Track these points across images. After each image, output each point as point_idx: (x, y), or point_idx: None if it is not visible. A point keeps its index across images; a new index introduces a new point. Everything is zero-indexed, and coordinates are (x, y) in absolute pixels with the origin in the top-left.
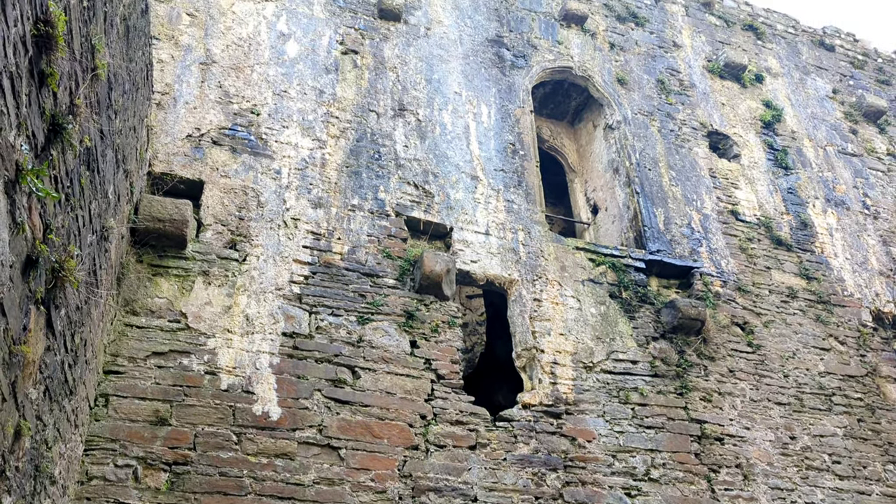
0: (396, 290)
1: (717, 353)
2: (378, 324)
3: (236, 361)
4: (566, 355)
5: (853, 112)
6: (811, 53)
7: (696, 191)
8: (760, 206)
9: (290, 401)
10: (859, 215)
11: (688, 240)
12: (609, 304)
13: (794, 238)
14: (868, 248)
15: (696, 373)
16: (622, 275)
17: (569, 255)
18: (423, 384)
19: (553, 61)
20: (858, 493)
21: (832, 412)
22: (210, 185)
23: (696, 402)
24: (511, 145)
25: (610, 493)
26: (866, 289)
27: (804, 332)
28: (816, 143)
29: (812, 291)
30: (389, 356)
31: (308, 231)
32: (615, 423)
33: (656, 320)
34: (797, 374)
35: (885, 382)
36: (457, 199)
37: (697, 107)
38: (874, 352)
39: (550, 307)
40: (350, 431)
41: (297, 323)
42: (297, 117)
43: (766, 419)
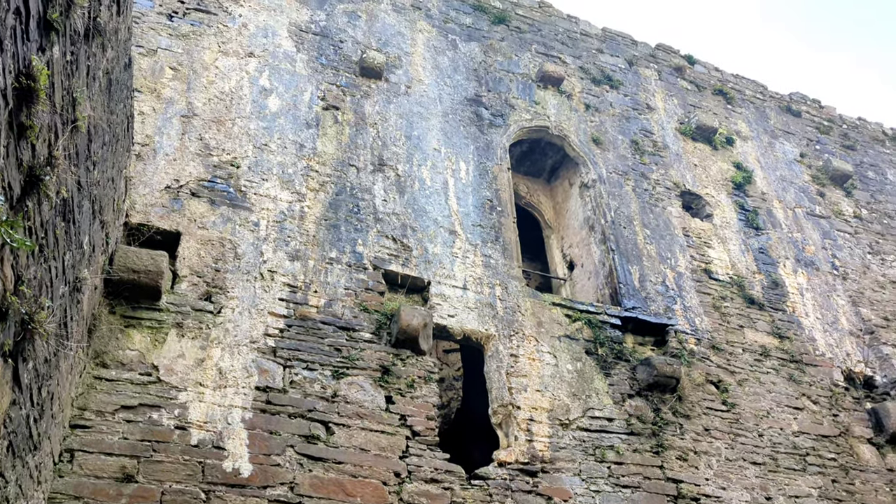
0: (373, 344)
1: (693, 411)
2: (353, 378)
3: (208, 416)
4: (542, 412)
5: (820, 175)
6: (779, 118)
7: (670, 249)
8: (733, 265)
9: (262, 457)
10: (829, 276)
11: (662, 297)
12: (585, 360)
13: (766, 297)
14: (838, 309)
15: (671, 431)
16: (598, 331)
17: (545, 310)
18: (397, 441)
19: (530, 121)
20: None
21: (806, 472)
22: (187, 236)
23: (672, 460)
24: (489, 201)
25: None
26: (837, 349)
27: (777, 391)
28: (786, 204)
29: (784, 350)
30: (364, 412)
31: (285, 283)
32: (591, 481)
33: (632, 377)
34: (771, 433)
35: (857, 443)
36: (435, 253)
37: (671, 167)
38: (846, 412)
39: (527, 363)
40: (322, 489)
41: (271, 377)
42: (276, 170)
43: (741, 479)
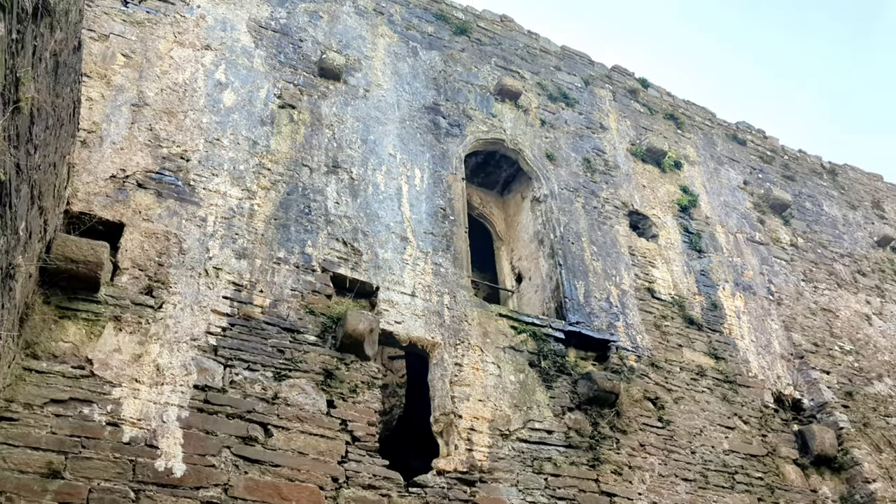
0: (317, 347)
1: (630, 426)
2: (295, 381)
3: (142, 413)
4: (484, 422)
5: (761, 203)
6: (725, 146)
7: (615, 267)
8: (675, 286)
9: (197, 457)
10: (764, 300)
11: (606, 314)
12: (528, 372)
13: (705, 318)
14: (771, 333)
15: (608, 445)
16: (542, 344)
17: (492, 321)
18: (337, 445)
19: (486, 133)
20: None
21: (734, 490)
22: (131, 228)
23: (607, 474)
24: (442, 210)
25: None
26: (769, 371)
27: (711, 410)
28: (728, 229)
29: (720, 371)
30: (305, 415)
31: (230, 281)
32: (528, 492)
33: (573, 391)
34: (703, 450)
35: (784, 463)
36: (385, 258)
37: (620, 187)
38: (774, 432)
39: (471, 372)
40: (257, 492)
41: (210, 376)
42: (227, 166)
43: (672, 494)
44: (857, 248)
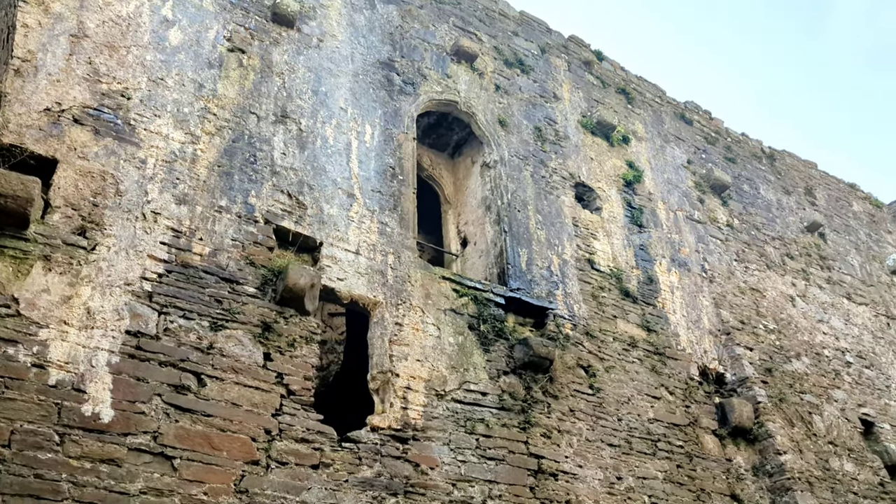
0: (256, 299)
1: (561, 392)
2: (232, 332)
3: (70, 356)
4: (420, 381)
5: (702, 183)
6: (672, 124)
7: (558, 236)
8: (614, 259)
9: (126, 403)
10: (698, 277)
11: (546, 282)
12: (467, 335)
13: (641, 292)
14: (702, 309)
15: (539, 409)
16: (482, 308)
17: (435, 283)
18: (272, 398)
19: (440, 93)
20: None
21: (656, 457)
22: (65, 165)
23: (536, 437)
24: (391, 168)
25: None
26: (697, 345)
27: (640, 380)
28: (669, 206)
29: (651, 343)
30: (240, 366)
31: (168, 227)
32: (459, 452)
33: (509, 355)
34: (629, 418)
35: (703, 433)
36: (330, 214)
37: (569, 158)
38: (697, 404)
39: (411, 333)
40: (188, 441)
41: (143, 322)
42: (171, 108)
43: (598, 459)
44: (787, 231)
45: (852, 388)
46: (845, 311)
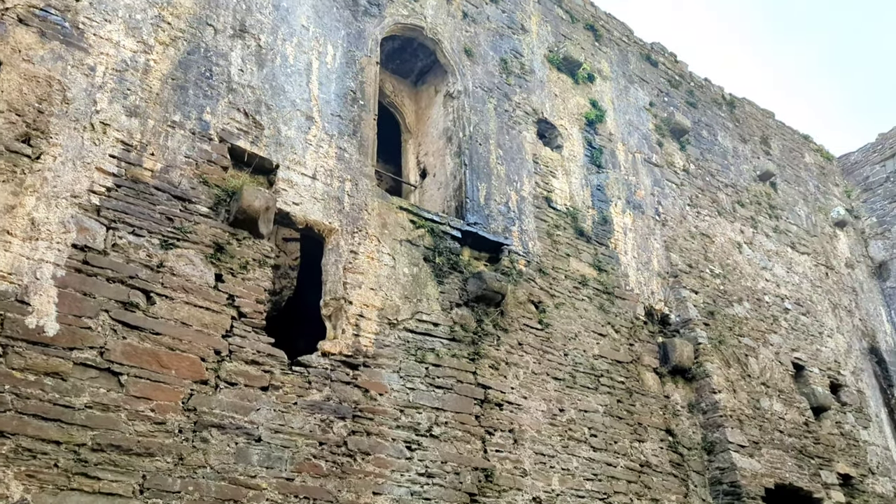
0: (209, 219)
1: (511, 326)
2: (183, 251)
3: (13, 267)
4: (373, 310)
5: (662, 126)
6: (637, 65)
7: (518, 173)
8: (571, 198)
9: (72, 318)
10: (651, 220)
11: (503, 217)
12: (422, 266)
13: (595, 232)
14: (652, 251)
15: (489, 342)
16: (438, 241)
17: (392, 213)
18: (222, 319)
19: (406, 17)
20: (607, 464)
21: (598, 391)
22: (9, 67)
23: (484, 368)
24: (352, 92)
25: (392, 445)
26: (645, 286)
27: (587, 318)
28: (628, 148)
29: (601, 282)
30: (191, 286)
31: (118, 140)
32: (408, 379)
33: (462, 288)
34: (575, 353)
35: (644, 370)
36: (288, 136)
37: (533, 93)
38: (641, 342)
39: (365, 261)
40: (135, 358)
41: (91, 236)
42: (123, 13)
43: (542, 391)
44: (740, 179)
45: (788, 334)
46: (788, 260)
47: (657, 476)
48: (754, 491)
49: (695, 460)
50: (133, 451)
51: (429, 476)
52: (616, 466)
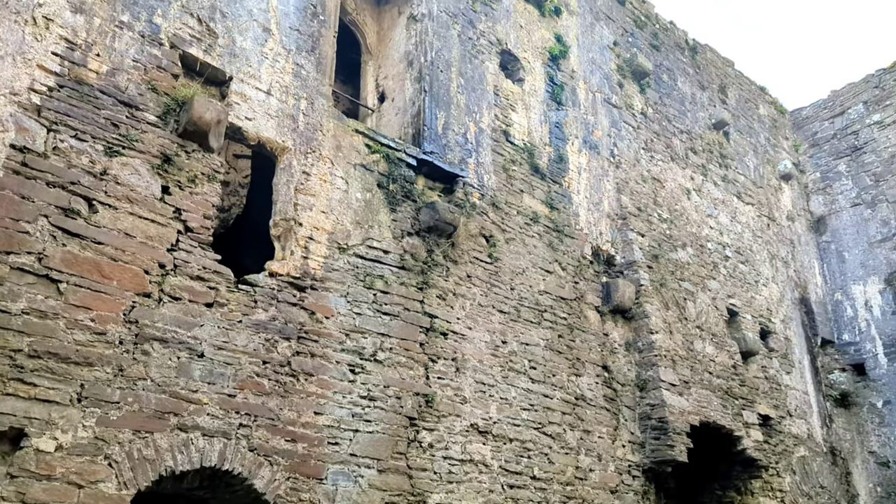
0: (157, 128)
1: (461, 258)
2: (129, 160)
3: None
4: (323, 233)
5: (624, 67)
6: (605, 2)
7: (478, 104)
8: (529, 133)
9: (9, 221)
10: (605, 161)
11: (460, 148)
12: (375, 192)
13: (550, 169)
14: (604, 192)
15: (438, 272)
16: (393, 168)
17: (347, 136)
18: (168, 233)
19: None
20: (544, 395)
21: (540, 326)
22: None
23: (432, 298)
24: (312, 7)
25: (336, 367)
26: (594, 227)
27: (536, 254)
28: (589, 86)
29: (552, 220)
30: (136, 197)
31: (62, 37)
32: (355, 304)
33: (415, 217)
34: (521, 288)
35: (587, 308)
36: (243, 47)
37: (498, 22)
38: (585, 281)
39: (318, 183)
40: (76, 266)
41: (30, 137)
42: None
43: (487, 323)
44: (696, 126)
45: (726, 280)
46: (733, 209)
47: (591, 409)
48: (680, 427)
49: (627, 396)
50: (71, 359)
51: (371, 399)
52: (552, 398)
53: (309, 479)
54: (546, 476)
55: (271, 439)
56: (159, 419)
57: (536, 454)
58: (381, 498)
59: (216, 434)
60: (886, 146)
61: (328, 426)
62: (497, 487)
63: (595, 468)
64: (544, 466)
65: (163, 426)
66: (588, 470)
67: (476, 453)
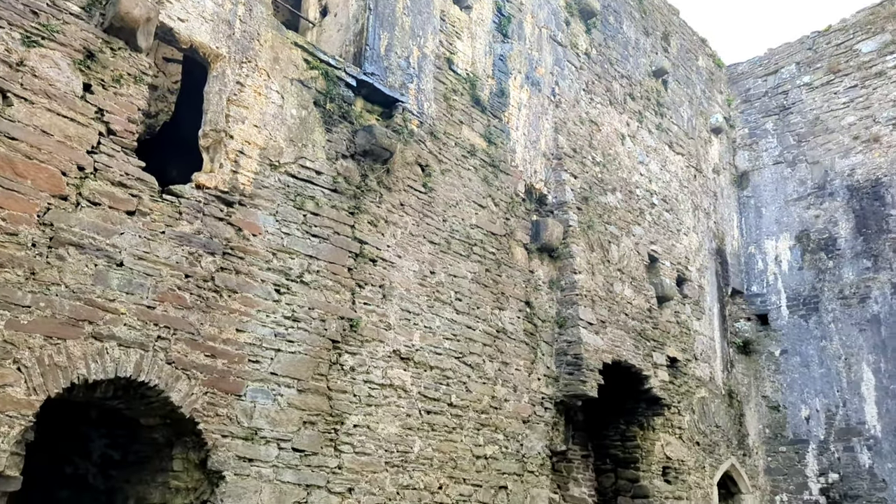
0: (80, 20)
1: (395, 185)
2: (49, 52)
3: None
4: (255, 148)
5: (573, 5)
6: None
7: (423, 28)
8: (473, 63)
9: None
10: (546, 99)
11: (402, 73)
12: (311, 110)
13: (491, 102)
14: (542, 131)
15: (371, 198)
16: (332, 86)
17: (286, 48)
18: (88, 134)
19: None
20: (467, 326)
21: (469, 259)
22: None
23: (363, 223)
24: None
25: (261, 286)
26: (529, 165)
27: (470, 188)
28: (536, 21)
29: (488, 154)
30: (55, 92)
31: None
32: (284, 224)
33: (351, 140)
34: (454, 220)
35: (515, 245)
36: None
37: None
38: (516, 218)
39: (252, 95)
40: None
41: None
42: None
43: (417, 252)
44: (636, 72)
45: (650, 227)
46: (664, 158)
47: (511, 342)
48: (594, 364)
49: (546, 332)
50: None
51: (295, 320)
52: (475, 330)
53: (227, 394)
54: (462, 403)
55: (190, 353)
56: (73, 326)
57: (455, 382)
58: (299, 417)
59: (133, 345)
60: (812, 108)
61: (250, 344)
62: (415, 412)
63: (510, 398)
64: (462, 394)
65: (76, 333)
66: (503, 400)
67: (396, 378)
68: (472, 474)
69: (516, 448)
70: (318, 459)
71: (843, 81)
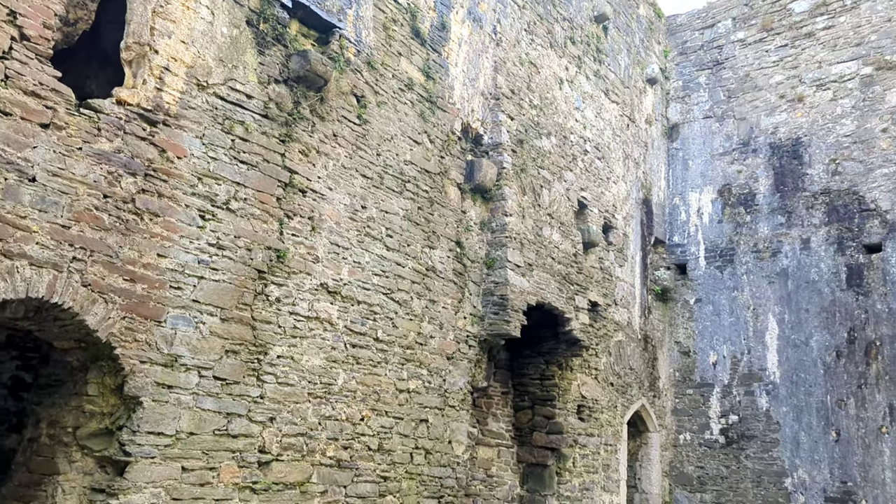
0: None
1: (329, 115)
2: None
3: None
4: (181, 65)
5: None
6: None
7: None
8: None
9: None
10: (487, 37)
11: None
12: (243, 29)
13: (431, 36)
14: (481, 69)
15: (303, 127)
16: (266, 6)
17: None
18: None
19: None
20: (397, 263)
21: (402, 195)
22: None
23: (294, 152)
24: None
25: (185, 211)
26: (467, 103)
27: (406, 123)
28: None
29: (426, 89)
30: None
31: None
32: (211, 148)
33: (284, 64)
34: (388, 155)
35: (449, 184)
36: None
37: None
38: (451, 157)
39: (180, 9)
40: None
41: None
42: None
43: (348, 186)
44: (578, 16)
45: (581, 173)
46: (599, 105)
47: (439, 281)
48: (518, 305)
49: (475, 272)
50: None
51: (219, 248)
52: (404, 267)
53: (147, 320)
54: (388, 339)
55: (108, 276)
56: None
57: (382, 318)
58: (221, 345)
59: (45, 265)
60: (743, 65)
61: (172, 269)
62: (340, 346)
63: (436, 335)
64: (388, 330)
65: None
66: (429, 336)
67: (323, 312)
68: (395, 407)
69: (439, 383)
70: (239, 388)
71: (775, 40)
